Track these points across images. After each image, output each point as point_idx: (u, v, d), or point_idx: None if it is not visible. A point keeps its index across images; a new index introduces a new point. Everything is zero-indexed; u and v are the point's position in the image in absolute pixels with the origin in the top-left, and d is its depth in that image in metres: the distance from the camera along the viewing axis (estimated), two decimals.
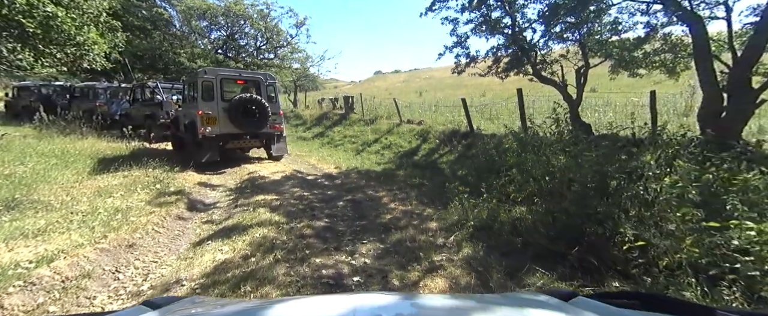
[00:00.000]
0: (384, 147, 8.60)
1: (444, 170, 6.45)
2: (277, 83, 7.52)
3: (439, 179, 5.88)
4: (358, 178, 6.13)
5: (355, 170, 6.85)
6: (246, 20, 15.24)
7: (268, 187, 5.08)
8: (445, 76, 39.95)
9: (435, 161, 7.15)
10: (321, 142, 10.45)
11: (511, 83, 24.30)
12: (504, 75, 7.56)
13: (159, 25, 18.75)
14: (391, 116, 10.90)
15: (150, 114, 11.08)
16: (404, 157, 7.75)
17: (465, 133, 7.85)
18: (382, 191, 5.04)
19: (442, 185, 5.44)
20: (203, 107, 6.40)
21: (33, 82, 17.77)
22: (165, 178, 4.93)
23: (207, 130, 6.41)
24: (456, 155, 7.07)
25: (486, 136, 7.27)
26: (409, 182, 5.75)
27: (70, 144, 8.06)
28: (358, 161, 7.82)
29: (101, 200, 3.84)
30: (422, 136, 8.59)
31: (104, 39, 8.08)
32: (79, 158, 6.61)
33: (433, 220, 3.54)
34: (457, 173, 6.10)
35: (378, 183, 5.68)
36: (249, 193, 4.76)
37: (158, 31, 18.63)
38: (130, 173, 5.20)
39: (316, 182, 5.77)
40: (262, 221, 3.39)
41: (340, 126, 11.30)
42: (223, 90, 6.67)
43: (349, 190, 5.14)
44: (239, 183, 5.48)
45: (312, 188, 5.14)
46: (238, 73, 6.95)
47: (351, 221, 3.65)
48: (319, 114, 13.02)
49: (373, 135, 9.62)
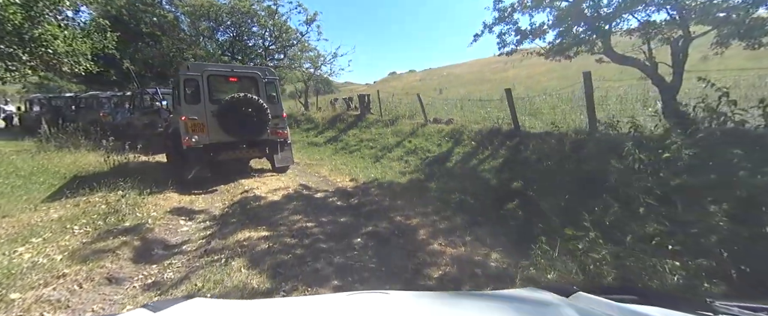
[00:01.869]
0: (408, 152, 7.19)
1: (490, 181, 4.98)
2: (278, 80, 6.27)
3: (486, 193, 4.43)
4: (380, 194, 4.77)
5: (375, 183, 5.49)
6: (253, 18, 14.22)
7: (262, 213, 3.79)
8: (464, 72, 38.08)
9: (474, 168, 5.68)
10: (334, 147, 9.17)
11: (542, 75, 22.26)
12: (558, 57, 6.01)
13: (167, 30, 18.16)
14: (413, 116, 9.49)
15: (148, 123, 10.18)
16: (434, 164, 6.32)
17: (508, 132, 6.33)
18: (414, 217, 3.65)
19: (495, 203, 3.99)
20: (187, 111, 5.21)
21: (43, 95, 17.63)
22: (128, 205, 3.72)
23: (193, 140, 5.22)
24: (501, 161, 5.58)
25: (537, 136, 5.74)
26: (448, 199, 4.33)
27: (55, 159, 7.18)
28: (377, 170, 6.46)
29: (15, 245, 2.65)
30: (453, 137, 7.13)
31: (87, 41, 7.11)
32: (51, 177, 5.61)
33: (516, 281, 2.11)
34: (509, 184, 4.63)
35: (406, 202, 4.30)
36: (234, 224, 3.49)
37: (166, 37, 18.05)
38: (89, 199, 4.05)
39: (326, 202, 4.44)
40: (230, 290, 2.08)
41: (356, 129, 9.99)
42: (211, 90, 5.48)
43: (369, 215, 3.78)
44: (227, 207, 4.23)
45: (319, 214, 3.82)
46: (229, 68, 5.74)
47: (375, 281, 2.28)
48: (332, 116, 11.76)
49: (394, 138, 8.23)
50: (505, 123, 6.77)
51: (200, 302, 0.86)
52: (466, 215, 3.67)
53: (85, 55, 7.18)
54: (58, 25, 5.53)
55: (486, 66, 38.78)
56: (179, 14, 16.33)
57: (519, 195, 4.12)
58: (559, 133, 5.50)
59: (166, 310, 0.75)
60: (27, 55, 5.40)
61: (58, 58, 6.10)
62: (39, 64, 6.05)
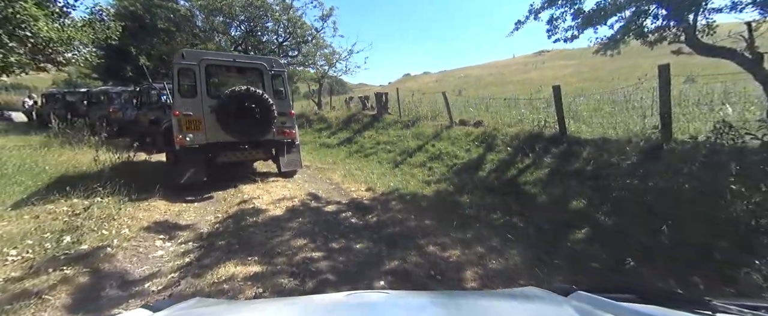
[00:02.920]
0: (432, 157, 6.33)
1: (537, 198, 4.07)
2: (286, 73, 5.52)
3: (538, 214, 3.53)
4: (403, 210, 3.93)
5: (396, 194, 4.66)
6: (267, 12, 13.63)
7: (258, 235, 3.01)
8: (482, 73, 36.83)
9: (514, 179, 4.77)
10: (348, 150, 8.38)
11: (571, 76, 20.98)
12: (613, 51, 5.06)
13: (181, 25, 17.91)
14: (436, 117, 8.60)
15: (154, 119, 9.68)
16: (464, 172, 5.44)
17: (552, 137, 5.39)
18: (451, 246, 2.80)
19: (554, 229, 3.09)
20: (181, 106, 4.52)
21: (58, 90, 17.64)
22: (97, 218, 3.01)
23: (187, 139, 4.52)
24: (547, 171, 4.65)
25: (590, 143, 4.79)
26: (490, 221, 3.46)
27: (51, 156, 6.70)
28: (397, 177, 5.63)
29: None
30: (484, 141, 6.22)
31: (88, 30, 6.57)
32: (34, 177, 5.02)
33: None
34: (566, 203, 3.71)
35: (437, 222, 3.45)
36: (221, 249, 2.72)
37: (180, 33, 17.80)
38: (55, 207, 3.37)
39: (338, 219, 3.64)
40: None
41: (372, 130, 9.18)
42: (210, 82, 4.77)
43: (392, 240, 2.95)
44: (219, 222, 3.48)
45: (329, 237, 3.01)
46: (231, 57, 5.01)
47: None
48: (347, 116, 10.99)
49: (415, 141, 7.38)
50: (548, 126, 5.82)
51: (200, 302, 0.85)
52: (520, 246, 2.79)
53: (85, 44, 6.62)
54: (37, 4, 4.97)
55: (505, 68, 37.45)
56: (195, 10, 16.00)
57: (586, 219, 3.21)
58: (621, 140, 4.54)
59: (166, 310, 0.75)
60: (7, 37, 4.83)
61: (52, 47, 5.54)
62: (27, 52, 5.51)
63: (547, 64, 32.76)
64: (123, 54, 18.17)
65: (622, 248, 2.58)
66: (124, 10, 19.37)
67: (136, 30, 19.14)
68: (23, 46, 5.23)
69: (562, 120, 5.28)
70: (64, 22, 6.30)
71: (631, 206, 2.99)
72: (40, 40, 5.19)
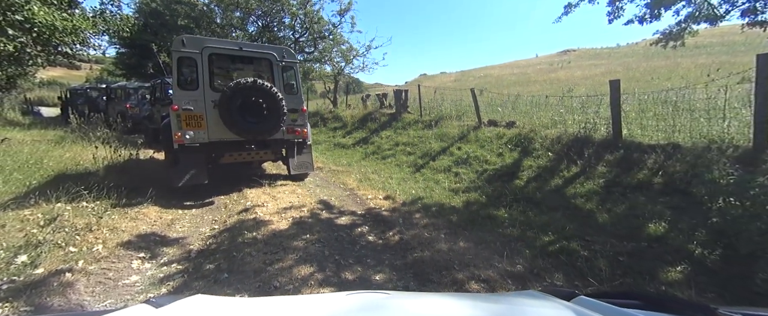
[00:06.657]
0: (458, 161, 5.63)
1: (595, 216, 3.33)
2: (298, 65, 4.96)
3: (603, 239, 2.80)
4: (430, 226, 3.28)
5: (420, 204, 4.01)
6: (284, 7, 13.23)
7: (255, 258, 2.44)
8: (502, 73, 35.43)
9: (560, 190, 4.03)
10: (364, 151, 7.78)
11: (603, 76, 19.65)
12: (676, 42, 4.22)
13: (201, 22, 17.86)
14: (461, 116, 7.87)
15: (165, 115, 9.45)
16: (496, 180, 4.73)
17: (604, 142, 4.60)
18: (502, 284, 2.14)
19: (632, 264, 2.36)
20: (181, 100, 4.04)
21: (81, 86, 17.94)
22: (69, 229, 2.53)
23: (186, 137, 4.04)
24: (601, 182, 3.88)
25: (654, 150, 4.00)
26: (543, 247, 2.76)
27: (58, 152, 6.46)
28: (419, 184, 4.98)
29: None
30: (519, 145, 5.48)
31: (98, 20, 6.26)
32: (32, 174, 4.68)
33: None
34: (636, 224, 2.96)
35: (476, 246, 2.79)
36: (205, 278, 2.17)
37: (200, 30, 17.74)
38: (30, 214, 2.92)
39: (353, 236, 3.03)
40: None
41: (390, 129, 8.55)
42: (213, 73, 4.27)
43: (421, 270, 2.31)
44: (213, 237, 2.94)
45: (341, 262, 2.41)
46: (237, 45, 4.47)
47: None
48: (363, 114, 10.40)
49: (439, 143, 6.69)
50: (600, 129, 5.02)
51: (202, 299, 0.83)
52: (595, 287, 2.09)
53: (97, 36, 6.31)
54: None
55: (528, 67, 35.92)
56: (213, 6, 15.87)
57: (675, 250, 2.46)
58: (699, 147, 3.73)
59: (168, 306, 0.73)
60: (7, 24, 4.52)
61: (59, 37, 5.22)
62: (31, 42, 5.21)
63: (573, 64, 31.14)
64: (145, 51, 18.36)
65: (748, 294, 1.85)
66: (146, 7, 19.62)
67: (157, 27, 19.32)
68: (25, 34, 4.92)
69: (617, 122, 4.48)
70: (73, 12, 6.00)
71: (746, 235, 2.23)
72: (41, 28, 4.87)
